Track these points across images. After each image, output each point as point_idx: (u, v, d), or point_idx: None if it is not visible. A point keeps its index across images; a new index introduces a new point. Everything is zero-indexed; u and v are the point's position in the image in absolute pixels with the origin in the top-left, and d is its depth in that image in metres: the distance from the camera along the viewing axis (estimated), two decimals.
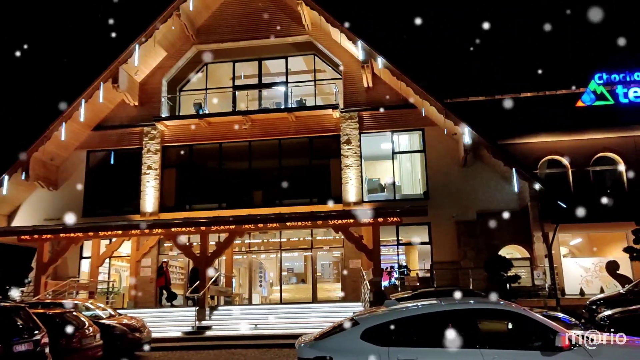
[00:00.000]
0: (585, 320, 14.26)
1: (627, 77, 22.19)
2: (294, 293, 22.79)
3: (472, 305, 6.70)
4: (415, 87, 20.86)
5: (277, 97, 24.27)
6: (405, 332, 6.17)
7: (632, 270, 19.00)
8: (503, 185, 21.02)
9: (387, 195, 22.24)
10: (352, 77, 22.59)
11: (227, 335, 16.15)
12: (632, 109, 21.75)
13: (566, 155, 22.02)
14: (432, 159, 21.73)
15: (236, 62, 24.25)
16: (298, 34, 23.27)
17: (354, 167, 21.95)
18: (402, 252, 22.40)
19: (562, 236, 20.46)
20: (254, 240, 23.03)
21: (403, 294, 15.06)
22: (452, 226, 20.87)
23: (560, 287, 19.42)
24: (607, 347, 5.99)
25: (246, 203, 22.05)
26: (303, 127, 22.57)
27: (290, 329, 15.46)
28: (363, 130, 22.30)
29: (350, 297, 20.12)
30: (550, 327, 5.97)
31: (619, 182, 21.70)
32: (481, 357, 5.79)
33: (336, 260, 23.31)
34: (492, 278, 18.14)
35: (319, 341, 6.42)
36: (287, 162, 22.93)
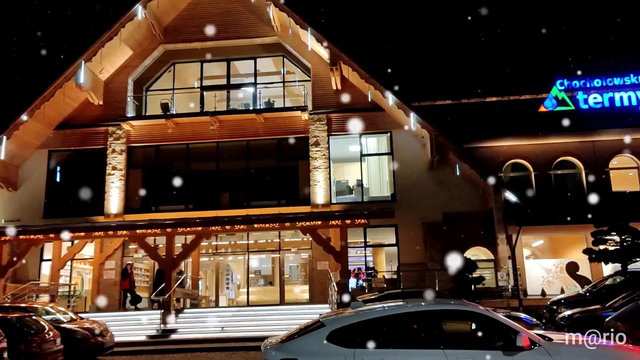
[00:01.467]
0: (546, 320, 14.61)
1: (587, 83, 22.87)
2: (261, 295, 22.67)
3: (437, 307, 6.78)
4: (383, 90, 21.05)
5: (246, 98, 24.15)
6: (371, 333, 6.21)
7: (591, 271, 19.57)
8: (469, 187, 21.38)
9: (355, 197, 22.35)
10: (321, 79, 22.64)
11: (193, 339, 15.94)
12: (592, 114, 22.42)
13: (529, 159, 22.55)
14: (400, 162, 21.94)
15: (204, 62, 24.01)
16: (267, 35, 23.20)
17: (323, 169, 21.98)
18: (369, 253, 22.55)
19: (525, 238, 20.94)
20: (221, 242, 22.82)
21: (370, 296, 15.15)
22: (419, 228, 21.10)
23: (523, 288, 19.86)
24: (565, 346, 6.17)
25: (213, 204, 21.83)
26: (271, 129, 22.50)
27: (257, 332, 15.35)
28: (331, 132, 22.36)
29: (318, 299, 20.13)
30: (511, 328, 6.10)
31: (579, 185, 22.34)
32: (445, 357, 5.88)
33: (304, 262, 23.29)
34: (457, 279, 18.40)
35: (285, 343, 6.41)
36: (255, 163, 22.83)
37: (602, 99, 22.59)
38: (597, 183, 21.79)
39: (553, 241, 22.77)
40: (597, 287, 15.93)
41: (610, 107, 22.42)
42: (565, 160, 22.62)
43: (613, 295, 13.39)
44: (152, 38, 23.43)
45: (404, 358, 6.00)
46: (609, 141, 22.16)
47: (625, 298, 12.03)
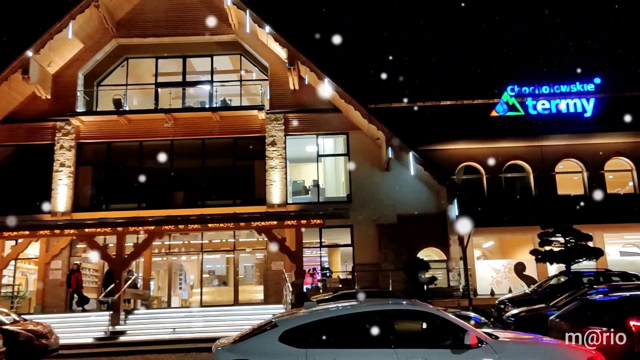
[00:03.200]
0: (494, 319, 15.01)
1: (536, 90, 23.67)
2: (215, 295, 22.39)
3: (389, 307, 6.84)
4: (340, 91, 21.16)
5: (202, 96, 23.79)
6: (323, 333, 6.21)
7: (537, 271, 20.25)
8: (423, 189, 21.75)
9: (311, 198, 22.37)
10: (279, 78, 22.55)
11: (143, 340, 15.57)
12: (540, 120, 23.23)
13: (481, 162, 23.16)
14: (356, 163, 22.09)
15: (159, 58, 23.49)
16: (225, 33, 22.93)
17: (279, 169, 21.90)
18: (325, 254, 22.60)
19: (476, 239, 21.48)
20: (174, 242, 22.39)
21: (324, 296, 15.19)
22: (374, 229, 21.32)
23: (473, 288, 20.36)
24: (510, 343, 6.37)
25: (167, 203, 21.41)
26: (228, 128, 22.24)
27: (210, 332, 15.13)
28: (288, 132, 22.31)
29: (272, 299, 20.05)
30: (460, 326, 6.23)
31: (527, 188, 23.11)
32: (396, 356, 5.95)
33: (259, 262, 23.13)
34: (411, 279, 18.69)
35: (237, 344, 6.34)
36: (210, 162, 22.53)
37: (549, 106, 23.42)
38: (544, 186, 22.61)
39: (502, 242, 23.46)
40: (542, 286, 16.48)
41: (557, 114, 23.29)
42: (515, 164, 23.36)
43: (557, 294, 13.90)
44: (104, 31, 22.77)
45: (356, 357, 6.04)
46: (555, 146, 23.02)
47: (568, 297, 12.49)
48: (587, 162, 22.95)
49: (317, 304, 8.06)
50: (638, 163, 22.80)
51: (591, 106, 23.20)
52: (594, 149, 22.89)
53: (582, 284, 14.63)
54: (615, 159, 23.08)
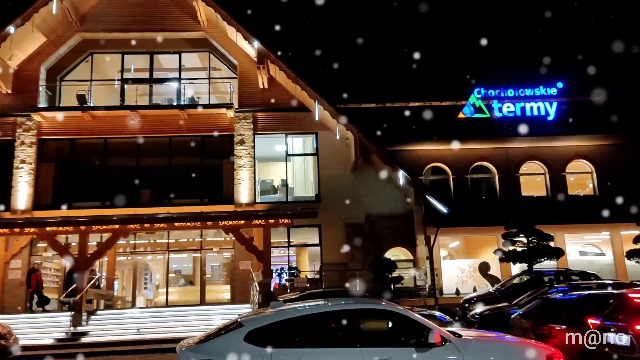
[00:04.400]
0: (459, 317, 15.26)
1: (502, 92, 24.14)
2: (181, 295, 22.11)
3: (354, 306, 6.88)
4: (310, 90, 21.16)
5: (169, 94, 23.45)
6: (289, 333, 6.22)
7: (501, 271, 20.66)
8: (391, 189, 21.92)
9: (279, 197, 22.32)
10: (248, 77, 22.40)
11: (106, 341, 15.25)
12: (505, 122, 23.71)
13: (448, 163, 23.52)
14: (325, 162, 22.14)
15: (125, 54, 23.04)
16: (193, 29, 22.64)
17: (247, 168, 21.77)
18: (293, 253, 22.58)
19: (443, 239, 21.77)
20: (139, 241, 22.01)
21: (291, 295, 15.17)
22: (342, 228, 21.39)
23: (439, 287, 20.65)
24: (473, 341, 6.49)
25: (133, 202, 20.99)
26: (196, 126, 21.98)
27: (175, 333, 14.89)
28: (257, 131, 22.19)
29: (240, 299, 19.91)
30: (424, 325, 6.31)
31: (493, 189, 23.57)
32: (361, 355, 5.98)
33: (226, 262, 22.96)
34: (378, 279, 18.82)
35: (201, 344, 6.27)
36: (177, 160, 22.23)
37: (514, 108, 23.92)
38: (509, 187, 23.10)
39: (468, 242, 23.85)
40: (505, 285, 16.84)
41: (522, 116, 23.80)
42: (481, 165, 23.79)
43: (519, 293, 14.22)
44: (68, 25, 22.20)
45: (321, 357, 6.05)
46: (520, 148, 23.54)
47: (529, 296, 12.80)
48: (550, 164, 23.54)
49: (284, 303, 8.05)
50: (597, 166, 23.51)
51: (554, 109, 23.81)
52: (556, 151, 23.50)
53: (544, 283, 15.01)
54: (576, 162, 23.75)
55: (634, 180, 22.30)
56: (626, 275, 19.50)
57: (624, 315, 7.28)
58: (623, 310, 7.40)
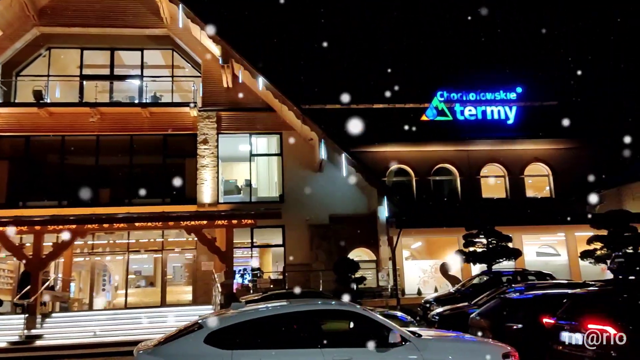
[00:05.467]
0: (420, 317, 15.44)
1: (464, 96, 24.62)
2: (141, 297, 21.67)
3: (316, 307, 6.87)
4: (274, 90, 21.08)
5: (131, 91, 22.96)
6: (250, 334, 6.15)
7: (462, 271, 21.01)
8: (355, 190, 22.03)
9: (243, 197, 22.15)
10: (212, 76, 22.16)
11: (61, 345, 14.82)
12: (467, 125, 24.19)
13: (411, 164, 23.82)
14: (289, 163, 22.09)
15: (85, 49, 22.48)
16: (156, 26, 22.25)
17: (211, 168, 21.53)
18: (256, 254, 22.45)
19: (405, 240, 21.98)
20: (98, 241, 21.46)
21: (254, 296, 15.06)
22: (306, 229, 21.38)
23: (401, 288, 20.84)
24: (432, 341, 6.57)
25: (91, 201, 20.50)
26: (158, 124, 21.61)
27: (135, 335, 14.59)
28: (221, 130, 21.97)
29: (202, 300, 19.66)
30: (385, 325, 6.34)
31: (454, 191, 24.00)
32: (322, 356, 5.97)
33: (188, 263, 22.62)
34: (341, 279, 18.88)
35: (159, 347, 6.14)
36: (139, 159, 21.80)
37: (476, 112, 24.43)
38: (470, 189, 23.55)
39: (430, 243, 24.17)
40: (465, 286, 17.12)
41: (483, 120, 24.33)
42: (443, 167, 24.18)
43: (479, 293, 14.48)
44: (25, 19, 21.48)
45: (282, 358, 6.01)
46: (481, 151, 24.04)
47: (488, 296, 13.05)
48: (509, 167, 24.13)
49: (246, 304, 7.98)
50: (554, 169, 24.22)
51: (513, 114, 24.41)
52: (515, 154, 24.09)
53: (502, 283, 15.32)
54: (534, 165, 24.42)
55: (588, 183, 23.07)
56: (580, 275, 20.12)
57: (576, 314, 7.48)
58: (576, 310, 7.61)
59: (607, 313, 7.00)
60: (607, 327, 6.77)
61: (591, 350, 6.90)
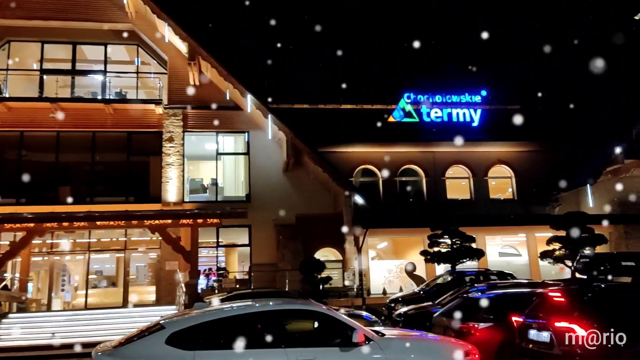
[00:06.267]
0: (385, 317, 15.55)
1: (430, 98, 24.92)
2: (102, 297, 21.19)
3: (280, 307, 6.87)
4: (242, 89, 20.93)
5: (94, 87, 22.42)
6: (213, 334, 6.09)
7: (426, 271, 21.26)
8: (322, 190, 22.06)
9: (209, 197, 21.91)
10: (178, 73, 21.85)
11: (17, 346, 14.35)
12: (433, 127, 24.49)
13: (378, 165, 23.98)
14: (256, 162, 21.97)
15: (46, 43, 21.84)
16: (120, 21, 21.79)
17: (176, 166, 21.23)
18: (222, 254, 22.25)
19: (371, 240, 22.11)
20: (58, 240, 20.87)
21: (219, 296, 14.90)
22: (272, 229, 21.29)
23: (367, 288, 20.96)
24: (395, 340, 6.63)
25: (51, 199, 19.98)
26: (122, 121, 21.19)
27: (94, 337, 14.24)
28: (187, 128, 21.69)
29: (165, 300, 19.36)
30: (349, 325, 6.37)
31: (420, 192, 24.28)
32: (285, 356, 5.96)
33: (152, 262, 22.25)
34: (307, 279, 18.86)
35: (119, 348, 6.02)
36: (101, 157, 21.36)
37: (442, 114, 24.76)
38: (435, 190, 23.87)
39: (395, 243, 24.39)
40: (430, 285, 17.31)
41: (449, 122, 24.69)
42: (409, 168, 24.44)
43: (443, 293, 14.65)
44: None
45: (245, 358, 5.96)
46: (446, 152, 24.39)
47: (452, 295, 13.23)
48: (474, 168, 24.56)
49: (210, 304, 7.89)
50: (517, 171, 24.77)
51: (478, 116, 24.85)
52: (479, 156, 24.53)
53: (465, 283, 15.53)
54: (497, 167, 24.92)
55: (548, 185, 23.69)
56: (539, 274, 20.63)
57: (544, 313, 7.67)
58: (543, 308, 7.79)
59: (574, 311, 7.21)
60: (573, 325, 6.97)
61: (558, 347, 7.09)
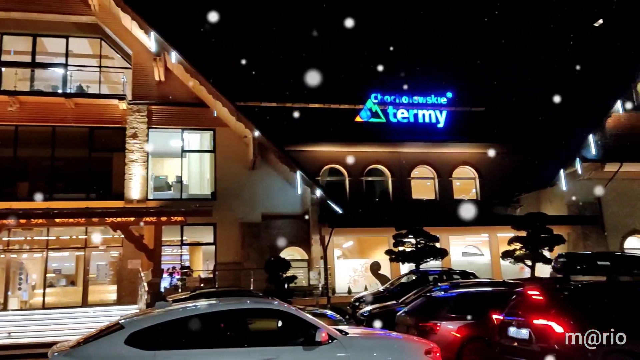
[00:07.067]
0: (349, 316, 15.63)
1: (397, 99, 25.18)
2: (60, 296, 20.63)
3: (243, 306, 6.82)
4: (208, 86, 20.69)
5: (54, 80, 21.78)
6: (175, 334, 6.03)
7: (391, 270, 21.47)
8: (288, 189, 22.01)
9: (173, 194, 21.58)
10: (143, 68, 21.43)
11: None
12: (399, 128, 24.74)
13: (345, 165, 24.08)
14: (222, 160, 21.75)
15: (5, 34, 21.14)
16: (83, 13, 21.23)
17: (140, 163, 20.83)
18: (186, 252, 21.96)
19: (337, 239, 22.20)
20: (14, 238, 20.19)
21: (182, 295, 14.70)
22: (238, 227, 21.13)
23: (332, 287, 21.04)
24: (358, 339, 6.68)
25: (8, 195, 19.34)
26: (84, 116, 20.67)
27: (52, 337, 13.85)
28: (152, 125, 21.30)
29: (127, 299, 18.98)
30: (312, 324, 6.37)
31: (386, 192, 24.50)
32: (248, 355, 5.93)
33: (114, 261, 21.76)
34: (272, 278, 18.78)
35: (76, 349, 5.88)
36: (62, 152, 20.77)
37: (408, 115, 25.03)
38: (401, 190, 24.11)
39: (361, 242, 24.54)
40: (394, 284, 17.50)
41: (415, 123, 24.98)
42: (375, 168, 24.64)
43: (407, 292, 14.85)
44: None
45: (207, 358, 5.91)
46: (412, 153, 24.67)
47: (415, 294, 13.41)
48: (439, 169, 24.92)
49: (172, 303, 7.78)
50: (480, 172, 25.26)
51: (443, 118, 25.22)
52: (444, 157, 24.91)
53: (428, 282, 15.77)
54: (462, 168, 25.35)
55: (510, 186, 24.24)
56: (501, 274, 21.08)
57: (523, 310, 7.91)
58: (523, 306, 8.03)
59: (551, 309, 7.43)
60: (551, 323, 7.23)
61: (537, 344, 7.32)
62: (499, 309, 8.67)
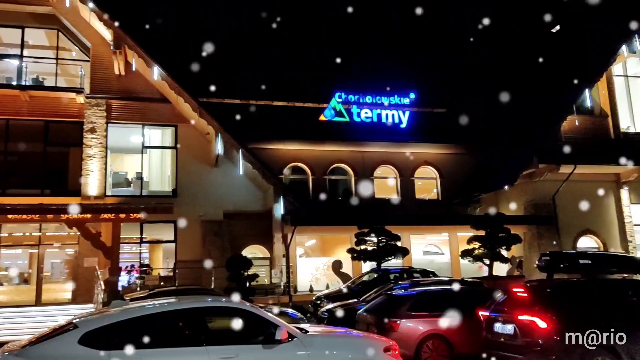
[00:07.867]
0: (310, 314, 15.66)
1: (361, 98, 25.32)
2: (12, 295, 19.96)
3: (201, 304, 6.74)
4: (170, 81, 20.35)
5: (8, 71, 21.03)
6: (131, 333, 5.91)
7: (353, 269, 21.60)
8: (251, 187, 21.87)
9: (133, 191, 21.16)
10: (102, 61, 20.91)
11: None
12: (363, 127, 24.90)
13: (308, 163, 24.08)
14: (184, 157, 21.45)
15: None
16: (39, 3, 20.52)
17: (98, 159, 20.32)
18: (145, 250, 21.58)
19: (300, 237, 22.14)
20: None
21: (140, 294, 14.42)
22: (199, 225, 20.87)
23: (294, 285, 21.00)
24: (318, 337, 6.69)
25: None
26: (39, 109, 20.02)
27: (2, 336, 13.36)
28: (111, 120, 20.81)
29: (83, 298, 18.50)
30: (272, 322, 6.36)
31: (349, 190, 24.61)
32: (207, 354, 5.88)
33: (69, 259, 21.19)
34: (233, 277, 18.61)
35: (27, 349, 5.71)
36: (15, 146, 19.97)
37: (372, 114, 25.21)
38: (364, 189, 24.24)
39: (324, 241, 24.59)
40: (355, 283, 17.62)
41: (378, 122, 25.18)
42: (339, 167, 24.73)
43: (368, 290, 14.98)
44: None
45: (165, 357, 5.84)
46: (375, 152, 24.87)
47: (376, 292, 13.53)
48: (401, 169, 25.21)
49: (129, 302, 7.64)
50: (441, 172, 25.67)
51: (406, 118, 25.51)
52: (407, 157, 25.18)
53: (389, 280, 15.93)
54: (423, 168, 25.71)
55: (471, 186, 24.73)
56: (460, 272, 21.49)
57: (508, 307, 8.13)
58: (508, 303, 8.25)
59: (535, 306, 7.66)
60: (535, 318, 7.51)
61: (521, 338, 7.54)
62: (457, 307, 8.83)
